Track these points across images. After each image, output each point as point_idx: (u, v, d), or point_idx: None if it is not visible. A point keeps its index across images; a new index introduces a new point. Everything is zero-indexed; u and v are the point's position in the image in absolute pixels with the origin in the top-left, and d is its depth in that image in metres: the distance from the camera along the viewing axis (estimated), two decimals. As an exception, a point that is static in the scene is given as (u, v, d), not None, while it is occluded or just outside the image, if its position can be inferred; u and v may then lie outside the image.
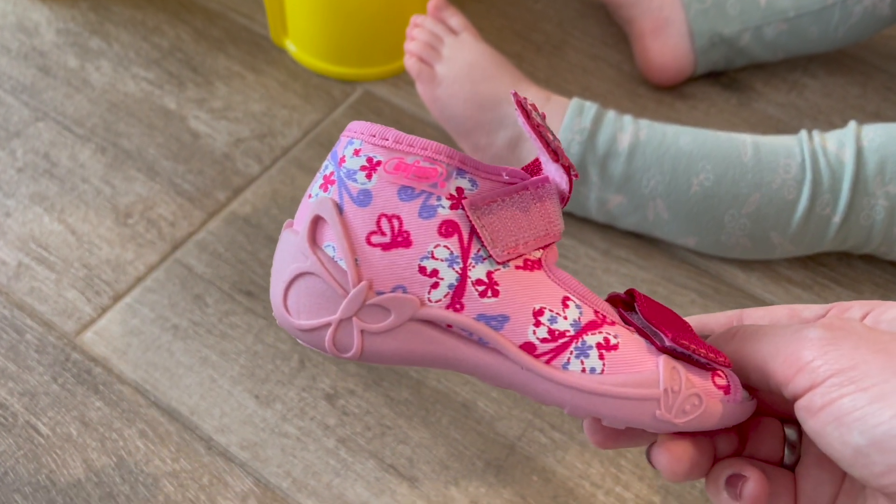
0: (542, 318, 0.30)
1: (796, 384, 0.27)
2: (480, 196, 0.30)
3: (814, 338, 0.27)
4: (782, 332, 0.29)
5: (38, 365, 0.59)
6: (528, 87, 0.65)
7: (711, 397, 0.31)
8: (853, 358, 0.26)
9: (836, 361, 0.26)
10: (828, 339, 0.27)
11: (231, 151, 0.71)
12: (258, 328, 0.61)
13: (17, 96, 0.74)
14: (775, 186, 0.60)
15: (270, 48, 0.79)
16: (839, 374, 0.25)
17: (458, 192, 0.30)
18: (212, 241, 0.66)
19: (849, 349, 0.26)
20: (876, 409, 0.24)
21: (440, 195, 0.30)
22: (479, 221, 0.30)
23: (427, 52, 0.65)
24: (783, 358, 0.27)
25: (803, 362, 0.27)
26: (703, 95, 0.78)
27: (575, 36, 0.82)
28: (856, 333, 0.27)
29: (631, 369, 0.30)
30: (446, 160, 0.30)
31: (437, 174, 0.30)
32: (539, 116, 0.31)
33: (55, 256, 0.64)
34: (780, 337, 0.28)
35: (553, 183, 0.31)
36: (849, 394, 0.25)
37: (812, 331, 0.27)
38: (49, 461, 0.55)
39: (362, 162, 0.30)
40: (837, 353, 0.26)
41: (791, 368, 0.27)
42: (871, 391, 0.25)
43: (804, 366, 0.27)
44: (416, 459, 0.56)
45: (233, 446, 0.56)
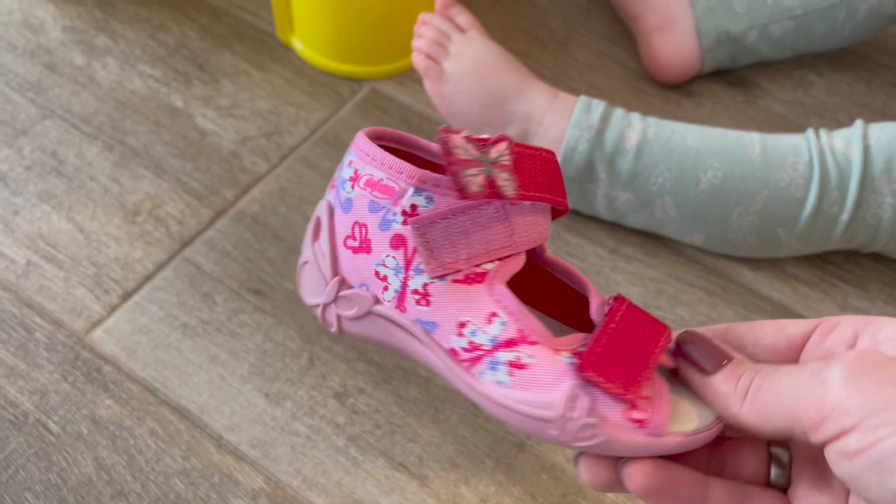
0: (464, 329, 0.34)
1: (826, 430, 0.26)
2: (428, 214, 0.33)
3: (836, 379, 0.26)
4: (801, 377, 0.28)
5: (48, 363, 0.59)
6: (534, 84, 0.65)
7: (615, 429, 0.32)
8: (882, 398, 0.25)
9: (865, 402, 0.25)
10: (852, 379, 0.26)
11: (238, 149, 0.71)
12: (267, 326, 0.61)
13: (24, 94, 0.74)
14: (783, 184, 0.61)
15: (276, 45, 0.79)
16: (872, 417, 0.25)
17: (412, 208, 0.33)
18: (220, 239, 0.66)
19: (876, 387, 0.25)
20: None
21: (395, 211, 0.33)
22: (420, 238, 0.33)
23: (435, 49, 0.65)
24: (807, 404, 0.26)
25: (830, 406, 0.26)
26: (709, 93, 0.78)
27: (580, 33, 0.82)
28: (878, 368, 0.26)
29: (538, 389, 0.33)
30: (405, 179, 0.33)
31: (393, 192, 0.33)
32: (470, 149, 0.32)
33: (63, 255, 0.64)
34: (800, 382, 0.27)
35: (500, 203, 0.33)
36: (887, 436, 0.24)
37: (833, 371, 0.26)
38: (60, 459, 0.55)
39: (350, 173, 0.35)
40: (865, 393, 0.25)
41: (818, 414, 0.26)
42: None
43: (832, 410, 0.26)
44: (425, 458, 0.56)
45: (243, 444, 0.56)
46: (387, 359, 0.60)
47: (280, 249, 0.65)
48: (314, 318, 0.62)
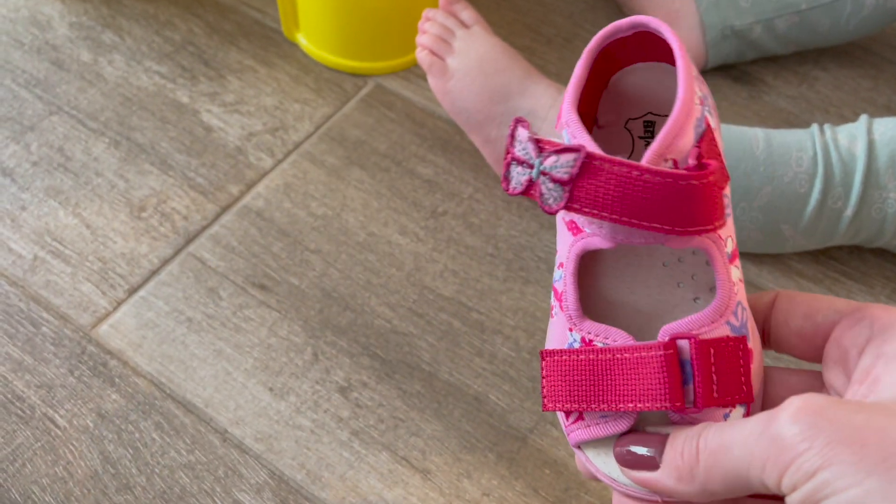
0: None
1: (783, 486, 0.26)
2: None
3: (789, 436, 0.26)
4: (750, 434, 0.27)
5: (55, 358, 0.59)
6: (538, 80, 0.65)
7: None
8: (829, 457, 0.25)
9: (812, 462, 0.25)
10: (803, 436, 0.26)
11: (243, 145, 0.72)
12: (272, 321, 0.61)
13: (31, 90, 0.75)
14: (787, 179, 0.61)
15: (282, 42, 0.79)
16: (815, 477, 0.25)
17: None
18: (225, 234, 0.66)
19: (824, 446, 0.25)
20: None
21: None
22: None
23: (439, 45, 0.65)
24: (762, 464, 0.26)
25: (784, 465, 0.26)
26: (713, 88, 0.78)
27: (585, 29, 0.82)
28: (830, 423, 0.26)
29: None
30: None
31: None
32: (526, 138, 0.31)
33: (70, 250, 0.65)
34: (751, 440, 0.27)
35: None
36: (826, 497, 0.25)
37: (785, 427, 0.26)
38: (66, 453, 0.55)
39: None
40: (813, 451, 0.25)
41: (774, 474, 0.26)
42: (843, 495, 0.24)
43: (785, 469, 0.26)
44: (428, 452, 0.56)
45: (247, 438, 0.56)
46: (391, 353, 0.60)
47: (285, 244, 0.66)
48: (318, 313, 0.62)
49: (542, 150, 0.30)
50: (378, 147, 0.72)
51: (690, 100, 0.31)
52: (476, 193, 0.69)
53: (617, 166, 0.29)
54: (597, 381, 0.31)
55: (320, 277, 0.64)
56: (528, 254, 0.66)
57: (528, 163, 0.30)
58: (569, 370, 0.32)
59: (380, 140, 0.73)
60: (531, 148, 0.30)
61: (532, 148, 0.30)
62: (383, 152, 0.72)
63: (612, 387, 0.31)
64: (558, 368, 0.32)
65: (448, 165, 0.71)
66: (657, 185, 0.29)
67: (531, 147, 0.30)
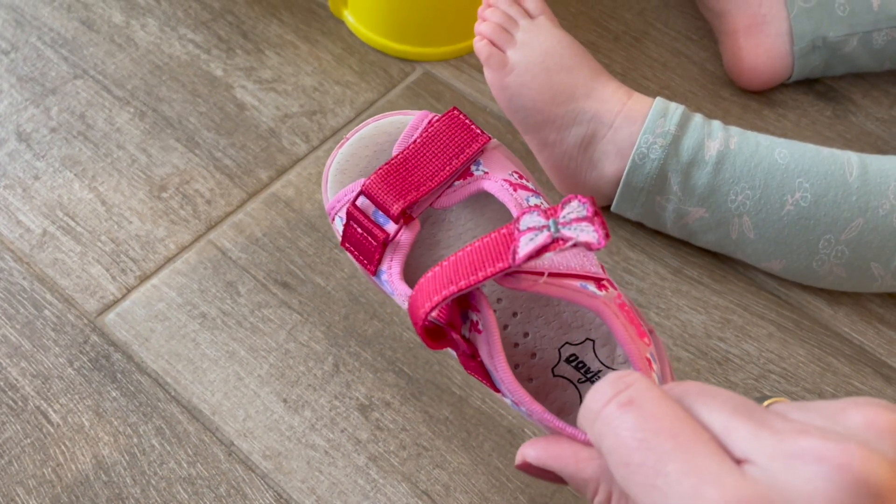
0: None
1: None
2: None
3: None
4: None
5: (55, 345, 0.54)
6: (607, 82, 0.58)
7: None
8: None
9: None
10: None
11: (277, 127, 0.66)
12: (292, 324, 0.56)
13: (57, 50, 0.70)
14: (882, 212, 0.54)
15: (328, 18, 0.73)
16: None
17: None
18: (249, 223, 0.61)
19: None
20: None
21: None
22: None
23: (499, 35, 0.59)
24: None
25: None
26: (794, 104, 0.71)
27: (657, 27, 0.76)
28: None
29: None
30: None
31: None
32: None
33: (82, 227, 0.60)
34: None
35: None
36: None
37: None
38: (57, 453, 0.50)
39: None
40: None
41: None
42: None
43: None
44: (452, 487, 0.50)
45: (255, 454, 0.51)
46: (419, 372, 0.54)
47: (313, 240, 0.60)
48: (343, 319, 0.56)
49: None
50: (422, 140, 0.66)
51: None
52: (525, 200, 0.63)
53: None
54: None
55: (348, 280, 0.58)
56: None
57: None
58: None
59: (425, 133, 0.66)
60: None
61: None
62: (427, 146, 0.66)
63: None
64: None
65: (497, 166, 0.65)
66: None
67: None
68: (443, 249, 0.43)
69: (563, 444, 0.33)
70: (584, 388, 0.39)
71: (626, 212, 0.59)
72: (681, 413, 0.27)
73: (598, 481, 0.31)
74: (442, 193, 0.41)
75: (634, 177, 0.56)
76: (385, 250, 0.40)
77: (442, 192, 0.41)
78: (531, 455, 0.34)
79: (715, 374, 0.56)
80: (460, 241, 0.43)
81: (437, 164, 0.40)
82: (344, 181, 0.44)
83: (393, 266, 0.40)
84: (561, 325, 0.40)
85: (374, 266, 0.41)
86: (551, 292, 0.34)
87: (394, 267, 0.40)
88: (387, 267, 0.40)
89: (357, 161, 0.44)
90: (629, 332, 0.34)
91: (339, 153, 0.44)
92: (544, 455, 0.33)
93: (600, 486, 0.31)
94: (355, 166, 0.44)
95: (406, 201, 0.39)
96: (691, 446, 0.26)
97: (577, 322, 0.40)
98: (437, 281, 0.33)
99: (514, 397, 0.35)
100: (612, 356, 0.39)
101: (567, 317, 0.40)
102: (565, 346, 0.39)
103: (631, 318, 0.35)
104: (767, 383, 0.56)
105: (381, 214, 0.41)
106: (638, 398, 0.27)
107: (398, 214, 0.39)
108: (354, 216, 0.41)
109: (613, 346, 0.39)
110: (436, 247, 0.43)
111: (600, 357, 0.39)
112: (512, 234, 0.32)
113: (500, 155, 0.42)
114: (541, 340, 0.40)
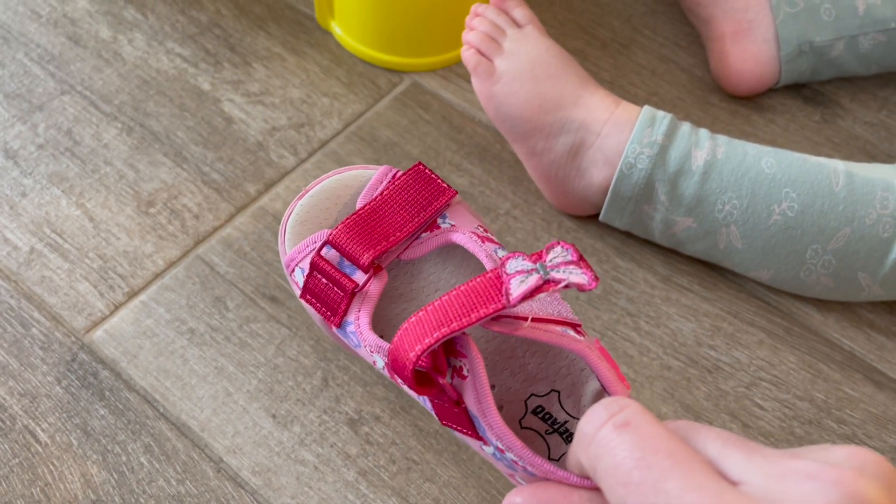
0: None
1: None
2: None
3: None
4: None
5: (42, 363, 0.54)
6: (595, 90, 0.58)
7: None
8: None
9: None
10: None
11: (265, 140, 0.66)
12: (280, 339, 0.56)
13: (44, 66, 0.70)
14: (869, 222, 0.54)
15: (315, 29, 0.73)
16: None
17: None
18: (238, 237, 0.61)
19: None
20: None
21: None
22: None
23: (487, 44, 0.59)
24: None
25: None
26: (782, 108, 0.71)
27: (644, 34, 0.76)
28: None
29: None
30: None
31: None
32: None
33: (70, 244, 0.60)
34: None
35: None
36: None
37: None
38: (45, 472, 0.50)
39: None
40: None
41: None
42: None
43: None
44: (443, 501, 0.50)
45: (244, 470, 0.51)
46: (408, 385, 0.54)
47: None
48: (332, 334, 0.56)
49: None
50: (410, 151, 0.66)
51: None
52: (514, 209, 0.63)
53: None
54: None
55: (337, 293, 0.58)
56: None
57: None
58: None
59: (413, 143, 0.66)
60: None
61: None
62: (415, 157, 0.66)
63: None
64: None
65: (485, 176, 0.65)
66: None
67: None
68: (405, 302, 0.42)
69: (552, 490, 0.33)
70: (551, 439, 0.39)
71: (614, 221, 0.59)
72: (675, 436, 0.27)
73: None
74: (409, 245, 0.41)
75: (622, 186, 0.56)
76: (352, 301, 0.39)
77: (409, 244, 0.41)
78: (518, 503, 0.33)
79: (705, 383, 0.56)
80: (423, 293, 0.42)
81: (405, 216, 0.40)
82: (304, 233, 0.43)
83: (361, 317, 0.39)
84: (526, 376, 0.40)
85: (339, 317, 0.40)
86: (537, 336, 0.34)
87: (362, 318, 0.39)
88: (354, 318, 0.39)
89: (317, 213, 0.43)
90: (612, 375, 0.34)
91: (299, 205, 0.43)
92: (533, 502, 0.33)
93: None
94: (315, 218, 0.43)
95: (376, 251, 0.39)
96: (689, 465, 0.26)
97: (541, 373, 0.40)
98: (423, 325, 0.33)
99: (504, 442, 0.34)
100: (577, 406, 0.39)
101: (532, 368, 0.40)
102: (531, 397, 0.39)
103: (610, 361, 0.35)
104: (758, 391, 0.56)
105: (348, 265, 0.40)
106: (633, 420, 0.27)
107: (368, 264, 0.39)
108: (320, 266, 0.40)
109: (578, 396, 0.39)
110: (398, 299, 0.42)
111: (566, 408, 0.39)
112: (500, 278, 0.32)
113: (464, 210, 0.42)
114: (507, 393, 0.40)
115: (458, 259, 0.42)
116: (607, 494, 0.27)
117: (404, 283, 0.42)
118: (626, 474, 0.26)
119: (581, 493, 0.32)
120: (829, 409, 0.55)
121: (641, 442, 0.27)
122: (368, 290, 0.39)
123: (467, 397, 0.34)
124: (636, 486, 0.26)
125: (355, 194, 0.43)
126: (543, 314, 0.35)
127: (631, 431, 0.27)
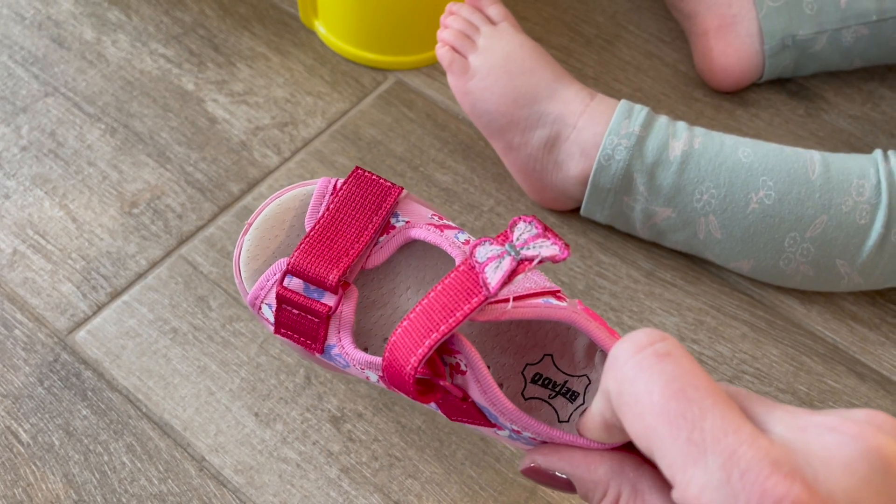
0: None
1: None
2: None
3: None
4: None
5: (25, 364, 0.54)
6: (570, 84, 0.58)
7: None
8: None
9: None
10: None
11: (249, 140, 0.66)
12: (263, 338, 0.56)
13: (28, 68, 0.70)
14: (845, 209, 0.54)
15: (299, 29, 0.73)
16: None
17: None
18: (221, 237, 0.61)
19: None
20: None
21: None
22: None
23: (461, 41, 0.59)
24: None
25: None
26: (767, 103, 0.71)
27: (629, 30, 0.76)
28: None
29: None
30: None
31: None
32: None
33: (53, 245, 0.60)
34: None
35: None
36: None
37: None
38: (27, 473, 0.50)
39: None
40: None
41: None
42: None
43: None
44: (425, 497, 0.50)
45: (226, 469, 0.51)
46: (391, 382, 0.54)
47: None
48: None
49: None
50: (394, 149, 0.66)
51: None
52: (497, 206, 0.63)
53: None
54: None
55: (320, 291, 0.58)
56: (550, 276, 0.60)
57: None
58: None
59: (397, 141, 0.66)
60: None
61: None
62: (399, 155, 0.66)
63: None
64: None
65: (469, 174, 0.65)
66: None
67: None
68: (380, 308, 0.42)
69: (572, 448, 0.33)
70: (556, 402, 0.38)
71: (595, 214, 0.59)
72: (712, 378, 0.27)
73: (607, 483, 0.31)
74: (370, 252, 0.40)
75: (601, 178, 0.56)
76: (329, 324, 0.38)
77: (370, 251, 0.40)
78: (540, 458, 0.33)
79: (688, 377, 0.56)
80: (395, 295, 0.42)
81: (359, 225, 0.39)
82: (260, 268, 0.41)
83: (343, 338, 0.38)
84: (516, 349, 0.39)
85: (321, 344, 0.39)
86: (523, 315, 0.34)
87: (344, 339, 0.38)
88: (336, 341, 0.38)
89: (267, 244, 0.41)
90: (603, 333, 0.34)
91: (246, 241, 0.41)
92: (554, 458, 0.33)
93: (609, 487, 0.31)
94: (266, 250, 0.41)
95: (341, 268, 0.38)
96: (727, 406, 0.25)
97: (530, 342, 0.39)
98: (412, 335, 0.33)
99: (518, 424, 0.34)
100: (572, 364, 0.39)
101: (520, 340, 0.40)
102: (527, 367, 0.39)
103: (596, 318, 0.35)
104: (741, 384, 0.56)
105: (314, 289, 0.39)
106: (675, 353, 0.26)
107: (336, 283, 0.38)
108: (287, 298, 0.39)
109: (571, 354, 0.39)
110: (371, 307, 0.42)
111: (562, 368, 0.39)
112: (473, 269, 0.32)
113: (413, 202, 0.41)
114: (502, 369, 0.39)
115: (420, 251, 0.42)
116: (630, 423, 0.26)
117: (374, 290, 0.42)
118: (662, 404, 0.25)
119: (601, 452, 0.31)
120: (812, 401, 0.55)
121: (683, 374, 0.26)
122: (342, 310, 0.38)
123: (471, 391, 0.34)
124: (672, 419, 0.25)
125: (300, 214, 0.42)
126: (522, 290, 0.35)
127: (672, 362, 0.26)
